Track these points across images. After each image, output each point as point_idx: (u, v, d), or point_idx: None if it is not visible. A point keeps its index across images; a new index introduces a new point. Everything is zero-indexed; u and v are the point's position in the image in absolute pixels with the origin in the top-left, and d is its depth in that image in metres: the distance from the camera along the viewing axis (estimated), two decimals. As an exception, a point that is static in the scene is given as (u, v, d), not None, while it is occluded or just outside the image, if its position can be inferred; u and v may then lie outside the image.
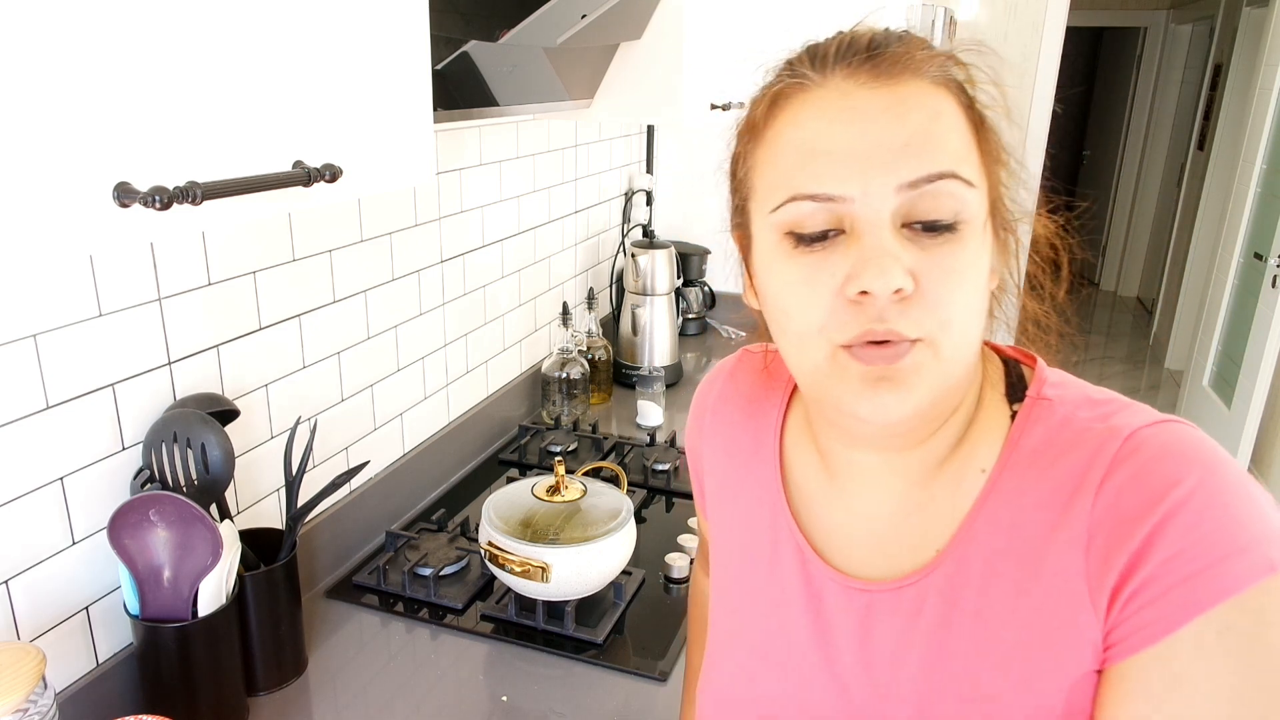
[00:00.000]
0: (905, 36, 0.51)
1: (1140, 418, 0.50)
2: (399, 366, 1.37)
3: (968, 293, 0.49)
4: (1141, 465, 0.47)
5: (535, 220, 1.74)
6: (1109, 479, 0.48)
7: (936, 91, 0.49)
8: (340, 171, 0.66)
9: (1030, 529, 0.51)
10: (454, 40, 1.01)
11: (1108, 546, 0.47)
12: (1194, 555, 0.44)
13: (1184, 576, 0.44)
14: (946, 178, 0.47)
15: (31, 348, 0.81)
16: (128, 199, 0.52)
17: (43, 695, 0.74)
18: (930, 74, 0.49)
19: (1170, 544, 0.45)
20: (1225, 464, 0.47)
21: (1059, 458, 0.51)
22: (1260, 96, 3.41)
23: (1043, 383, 0.54)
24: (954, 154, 0.48)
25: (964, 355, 0.50)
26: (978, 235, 0.49)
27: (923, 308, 0.47)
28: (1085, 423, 0.51)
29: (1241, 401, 3.32)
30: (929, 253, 0.48)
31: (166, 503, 0.85)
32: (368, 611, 1.16)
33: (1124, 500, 0.47)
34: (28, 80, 0.47)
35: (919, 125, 0.48)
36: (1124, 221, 6.31)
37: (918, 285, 0.47)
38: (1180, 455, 0.47)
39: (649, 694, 1.01)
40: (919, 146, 0.47)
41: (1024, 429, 0.53)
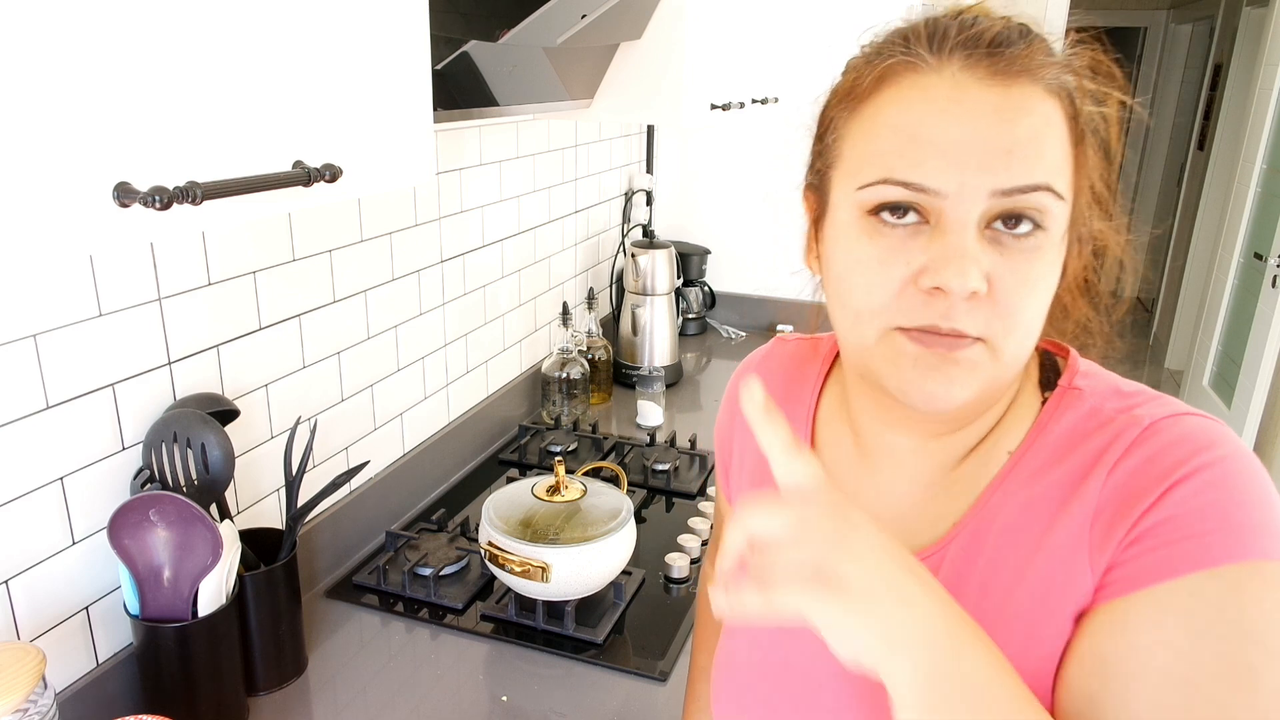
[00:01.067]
0: (1030, 35, 0.50)
1: (1164, 409, 0.51)
2: (399, 366, 1.37)
3: (1037, 301, 0.49)
4: (1156, 449, 0.48)
5: (535, 220, 1.74)
6: (1123, 461, 0.49)
7: (1048, 99, 0.49)
8: (340, 171, 0.66)
9: (1043, 505, 0.52)
10: (454, 40, 1.01)
11: (1112, 519, 0.48)
12: (1186, 523, 0.45)
13: (1171, 539, 0.45)
14: (1042, 190, 0.48)
15: (31, 348, 0.81)
16: (128, 199, 0.52)
17: (43, 695, 0.74)
18: (1046, 80, 0.49)
19: (1167, 508, 0.46)
20: (1241, 455, 0.47)
21: (1080, 443, 0.52)
22: (1260, 96, 3.41)
23: (1075, 373, 0.56)
24: (1053, 166, 0.48)
25: (1020, 359, 0.51)
26: (1055, 246, 0.50)
27: (992, 311, 0.48)
28: (1110, 412, 0.52)
29: (1241, 401, 3.32)
30: (1007, 258, 0.48)
31: (166, 503, 0.85)
32: (368, 611, 1.16)
33: (1134, 480, 0.48)
34: (28, 80, 0.47)
35: (1027, 132, 0.47)
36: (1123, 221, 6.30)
37: (991, 288, 0.48)
38: (1195, 442, 0.48)
39: (649, 694, 1.01)
40: (1022, 154, 0.47)
41: (1052, 415, 0.54)
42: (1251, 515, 0.45)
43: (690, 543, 1.28)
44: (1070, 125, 0.50)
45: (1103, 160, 0.52)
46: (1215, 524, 0.45)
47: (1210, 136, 4.53)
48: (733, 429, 0.74)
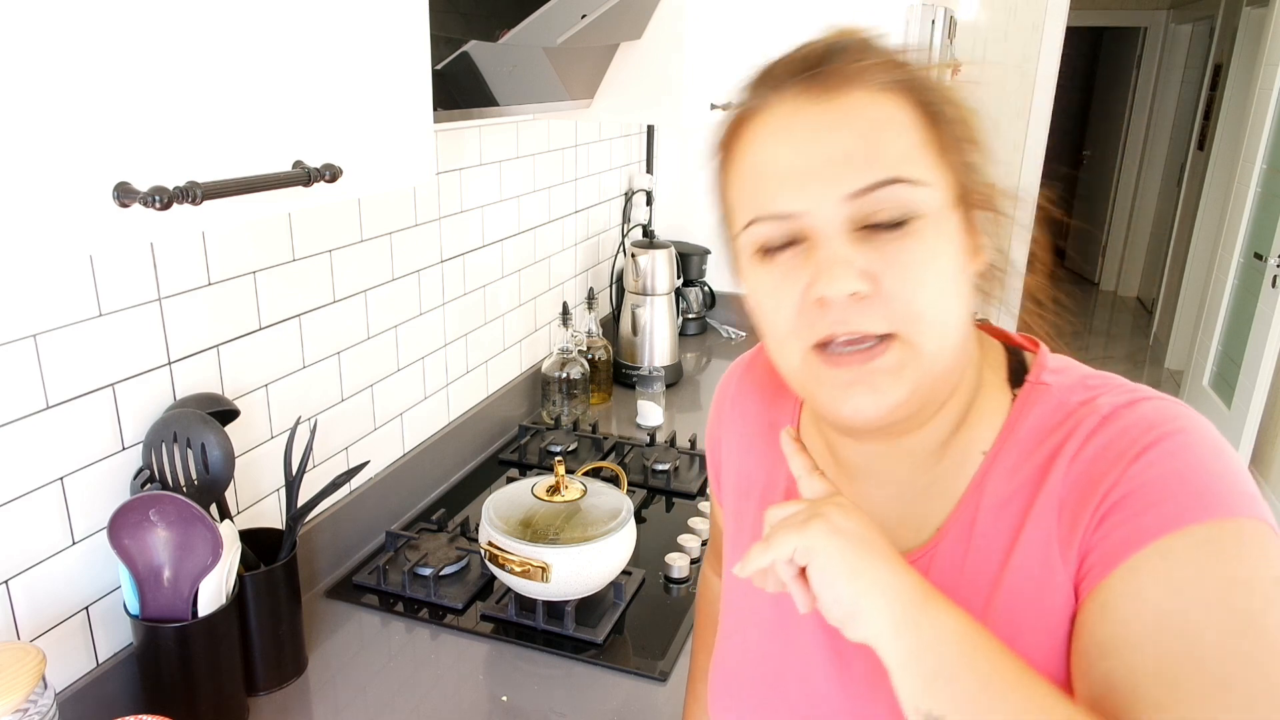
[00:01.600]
0: (852, 46, 0.53)
1: (1124, 396, 0.52)
2: (399, 366, 1.37)
3: (932, 283, 0.50)
4: (1113, 434, 0.50)
5: (535, 220, 1.74)
6: (1082, 450, 0.51)
7: (880, 98, 0.51)
8: (340, 171, 0.66)
9: (1016, 503, 0.53)
10: (454, 40, 1.01)
11: (1076, 507, 0.50)
12: (1147, 494, 0.47)
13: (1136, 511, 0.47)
14: (889, 184, 0.49)
15: (31, 348, 0.81)
16: (128, 199, 0.52)
17: (43, 695, 0.74)
18: (876, 81, 0.51)
19: (1127, 485, 0.48)
20: (1196, 426, 0.49)
21: (1046, 438, 0.53)
22: (1260, 96, 3.41)
23: (1043, 368, 0.56)
24: (898, 158, 0.50)
25: (946, 344, 0.51)
26: (936, 227, 0.50)
27: (885, 305, 0.50)
28: (1073, 405, 0.53)
29: (1241, 401, 3.32)
30: (884, 252, 0.49)
31: (166, 503, 0.85)
32: (368, 611, 1.16)
33: (1093, 466, 0.50)
34: (28, 80, 0.47)
35: (860, 135, 0.50)
36: (1124, 221, 6.31)
37: (877, 284, 0.49)
38: (1149, 421, 0.50)
39: (649, 694, 1.01)
40: (860, 157, 0.50)
41: (1022, 412, 0.55)
42: (1210, 479, 0.47)
43: (690, 543, 1.28)
44: (919, 111, 0.51)
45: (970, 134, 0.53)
46: (1175, 489, 0.46)
47: (1210, 136, 4.53)
48: (722, 430, 0.74)
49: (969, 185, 0.53)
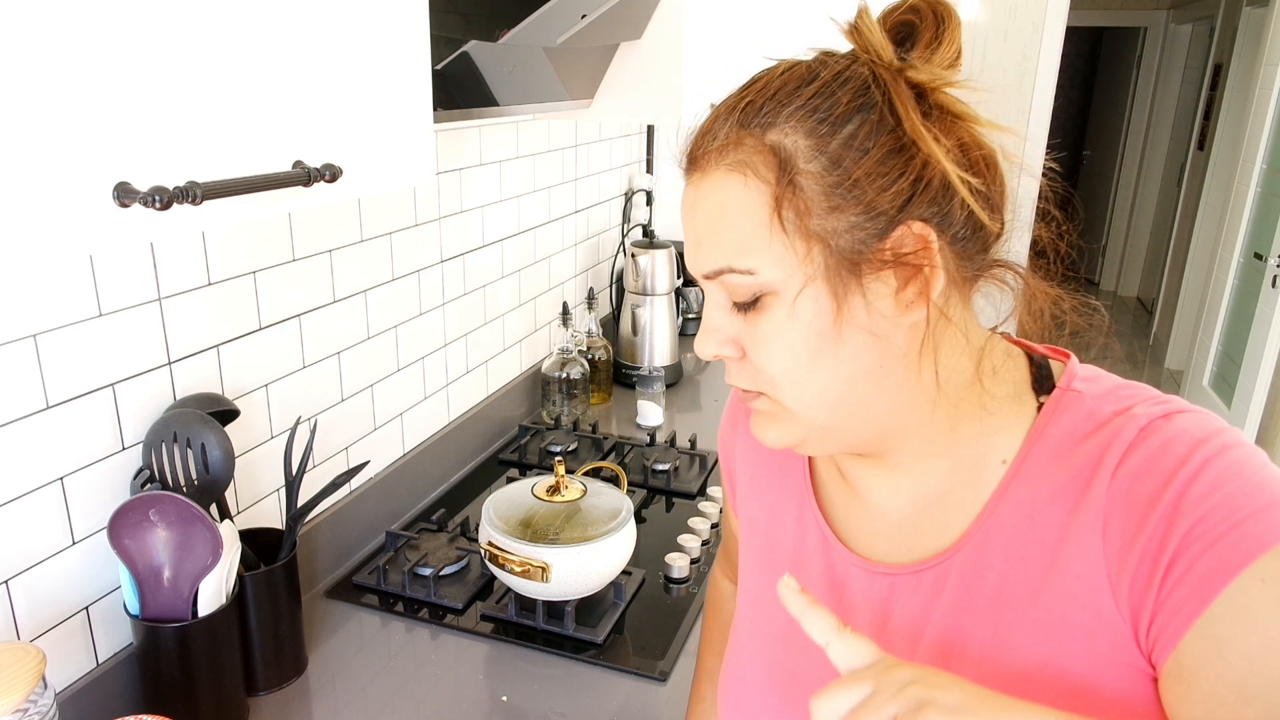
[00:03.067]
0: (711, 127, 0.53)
1: (1159, 407, 0.51)
2: (399, 366, 1.37)
3: (786, 356, 0.52)
4: (1154, 449, 0.49)
5: (535, 220, 1.74)
6: (1123, 464, 0.49)
7: (729, 178, 0.52)
8: (340, 171, 0.66)
9: (1051, 514, 0.52)
10: (454, 40, 1.01)
11: (1124, 530, 0.48)
12: (1215, 520, 0.45)
13: (1209, 543, 0.45)
14: (725, 273, 0.52)
15: (31, 348, 0.81)
16: (128, 199, 0.52)
17: (43, 695, 0.74)
18: (728, 161, 0.52)
19: (1187, 516, 0.46)
20: (1237, 441, 0.48)
21: (1079, 446, 0.52)
22: (1260, 96, 3.41)
23: (1073, 376, 0.55)
24: (734, 246, 0.52)
25: (815, 405, 0.53)
26: (787, 305, 0.51)
27: (749, 370, 0.54)
28: (1107, 414, 0.52)
29: (1241, 401, 3.32)
30: (747, 324, 0.53)
31: (166, 503, 0.85)
32: (368, 611, 1.16)
33: (1138, 484, 0.48)
34: (28, 80, 0.47)
35: (705, 223, 0.53)
36: (1124, 221, 6.31)
37: (743, 351, 0.54)
38: (1191, 437, 0.48)
39: (649, 694, 1.01)
40: (706, 244, 0.53)
41: (1050, 419, 0.54)
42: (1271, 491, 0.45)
43: (690, 543, 1.28)
44: (772, 187, 0.50)
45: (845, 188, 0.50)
46: (1247, 511, 0.45)
47: (1210, 136, 4.53)
48: (735, 437, 0.75)
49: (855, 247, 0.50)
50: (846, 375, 0.52)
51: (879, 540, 0.60)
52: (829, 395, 0.53)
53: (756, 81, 0.53)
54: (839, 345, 0.52)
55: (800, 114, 0.50)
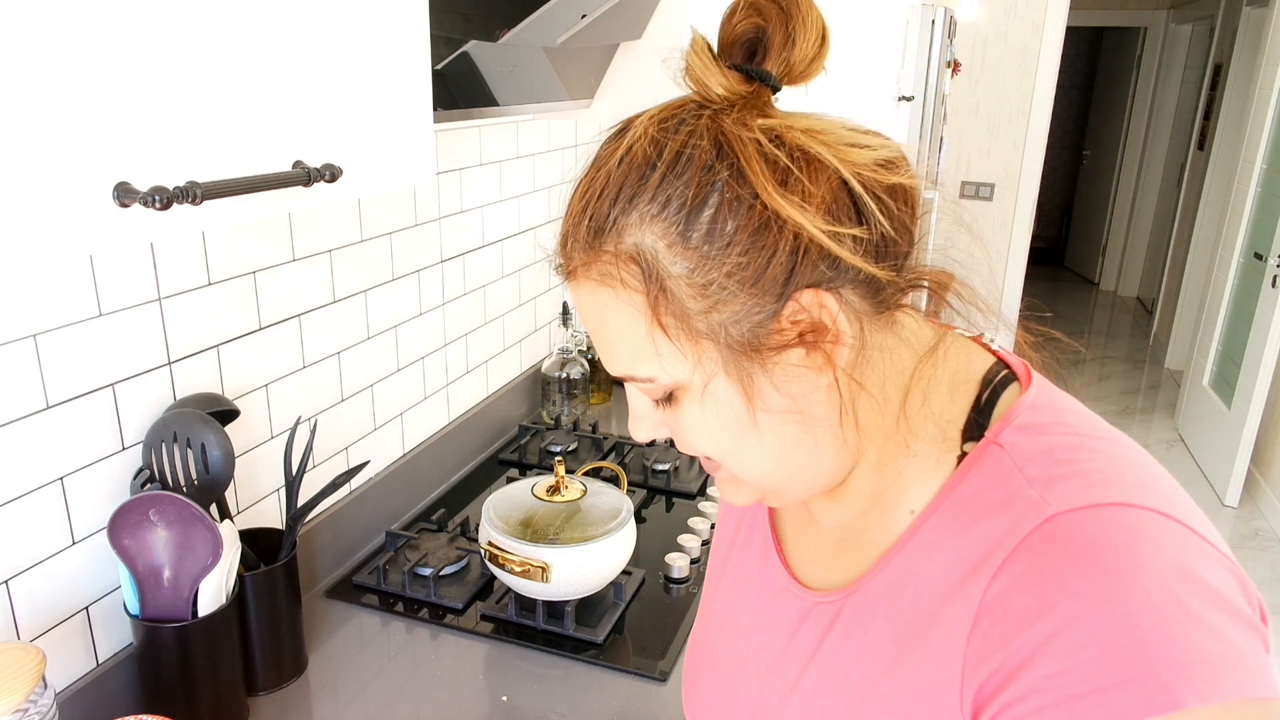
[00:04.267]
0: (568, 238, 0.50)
1: (1079, 497, 0.44)
2: (399, 366, 1.37)
3: (711, 442, 0.52)
4: (1045, 558, 0.43)
5: (535, 220, 1.74)
6: (1010, 562, 0.44)
7: (600, 290, 0.49)
8: (340, 171, 0.66)
9: (934, 587, 0.48)
10: (454, 40, 1.01)
11: (987, 639, 0.44)
12: (1080, 676, 0.39)
13: (1065, 697, 0.40)
14: (628, 379, 0.51)
15: (31, 348, 0.81)
16: (128, 199, 0.52)
17: (43, 695, 0.74)
18: (594, 274, 0.48)
19: (1054, 660, 0.40)
20: (1138, 577, 0.40)
21: (981, 518, 0.47)
22: (1260, 96, 3.41)
23: (1007, 423, 0.49)
24: (626, 357, 0.50)
25: (759, 474, 0.53)
26: (697, 399, 0.50)
27: (686, 448, 0.54)
28: (1023, 484, 0.46)
29: (1241, 401, 3.32)
30: (669, 415, 0.52)
31: (166, 503, 0.85)
32: (368, 611, 1.16)
33: (1015, 593, 0.43)
34: (28, 80, 0.47)
35: (594, 332, 0.52)
36: (1124, 221, 6.31)
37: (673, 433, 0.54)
38: (1093, 557, 0.41)
39: (649, 694, 1.01)
40: (603, 351, 0.52)
41: (963, 477, 0.49)
42: (1156, 657, 0.38)
43: (690, 543, 1.28)
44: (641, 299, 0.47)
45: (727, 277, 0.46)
46: (1115, 679, 0.39)
47: (1210, 136, 4.53)
48: None
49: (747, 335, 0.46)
50: (776, 449, 0.51)
51: (810, 554, 0.61)
52: (766, 468, 0.52)
53: (598, 175, 0.48)
54: (759, 426, 0.50)
55: (650, 213, 0.46)
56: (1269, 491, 3.35)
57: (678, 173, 0.45)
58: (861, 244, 0.46)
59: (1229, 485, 3.40)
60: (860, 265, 0.46)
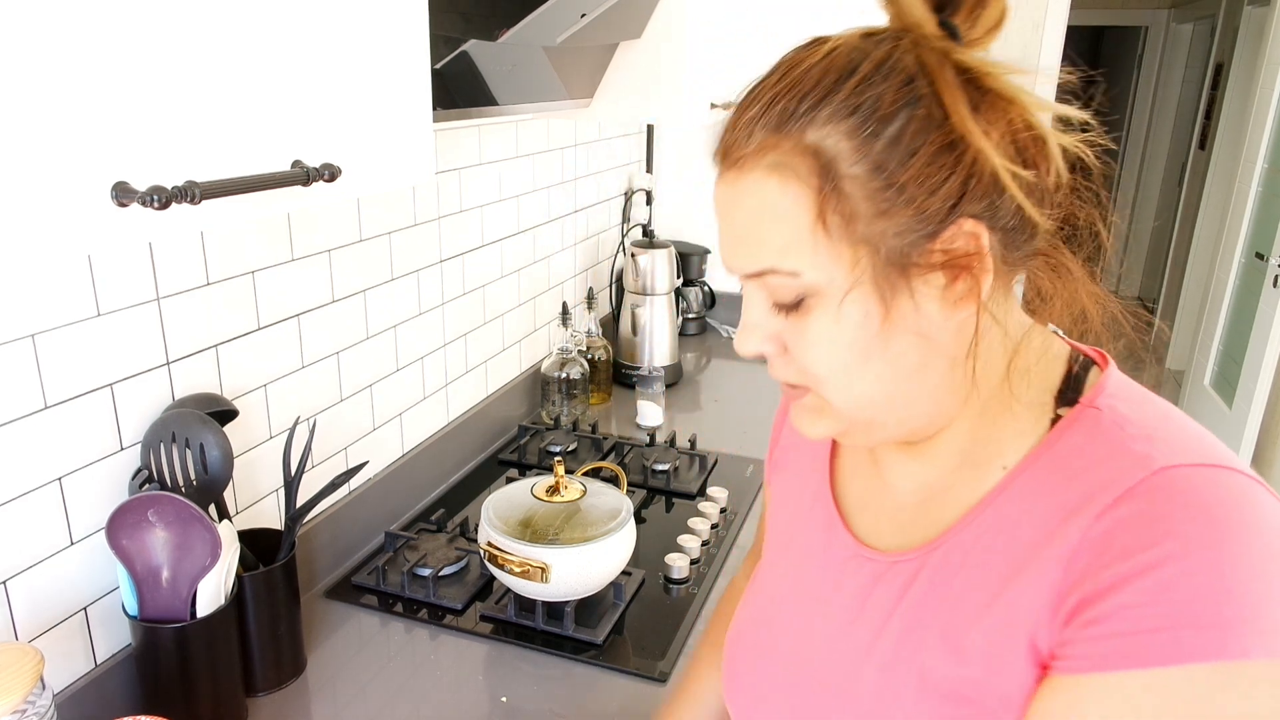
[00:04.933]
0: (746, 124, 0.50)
1: (1184, 455, 0.47)
2: (398, 366, 1.36)
3: (832, 358, 0.51)
4: (1151, 506, 0.45)
5: (535, 220, 1.74)
6: (1115, 508, 0.46)
7: (768, 180, 0.49)
8: (339, 171, 0.66)
9: (1030, 532, 0.50)
10: (453, 39, 1.00)
11: (1084, 571, 0.46)
12: (1153, 614, 0.43)
13: (1133, 629, 0.43)
14: (767, 274, 0.51)
15: (30, 348, 0.80)
16: (126, 198, 0.52)
17: (41, 696, 0.74)
18: (767, 163, 0.49)
19: (1137, 593, 0.44)
20: (1243, 532, 0.43)
21: (1085, 470, 0.49)
22: (1261, 96, 3.41)
23: (1100, 391, 0.52)
24: (776, 249, 0.50)
25: (860, 403, 0.53)
26: (833, 308, 0.50)
27: (792, 366, 0.54)
28: (1124, 441, 0.49)
29: (1243, 401, 3.32)
30: (790, 324, 0.52)
31: (165, 503, 0.85)
32: (367, 612, 1.16)
33: (1118, 533, 0.46)
34: (26, 79, 0.47)
35: (744, 223, 0.51)
36: (1124, 221, 6.31)
37: (787, 348, 0.53)
38: (1196, 510, 0.44)
39: (649, 694, 1.01)
40: (746, 244, 0.52)
41: (1062, 434, 0.52)
42: (1235, 609, 0.42)
43: (690, 543, 1.28)
44: (815, 189, 0.48)
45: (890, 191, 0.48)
46: (1190, 618, 0.42)
47: (1211, 136, 4.53)
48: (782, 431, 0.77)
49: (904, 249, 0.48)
50: (891, 375, 0.52)
51: (882, 523, 0.61)
52: (873, 394, 0.52)
53: (794, 68, 0.50)
54: (886, 347, 0.51)
55: (841, 113, 0.47)
56: (1270, 491, 3.35)
57: (877, 81, 0.47)
58: (1025, 188, 0.48)
59: (1230, 485, 3.40)
60: (1024, 203, 0.48)
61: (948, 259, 0.49)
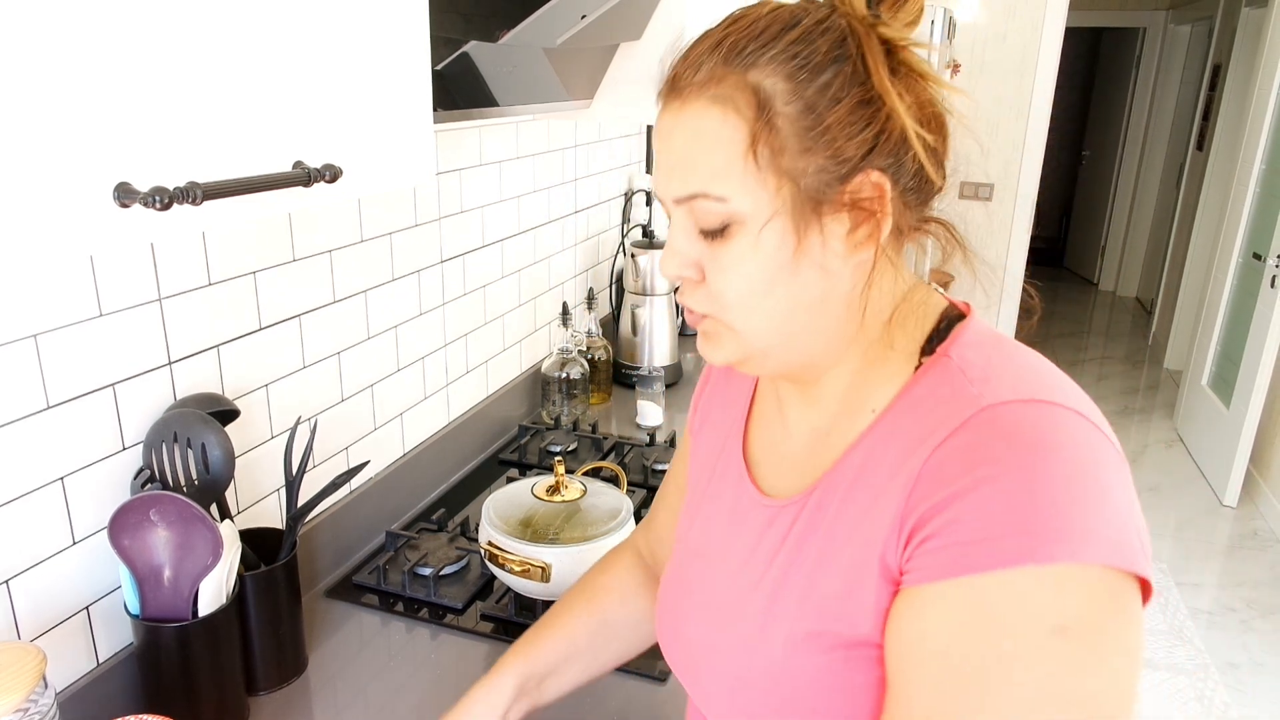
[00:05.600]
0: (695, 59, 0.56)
1: (1011, 393, 0.52)
2: (399, 366, 1.37)
3: (744, 283, 0.56)
4: (977, 437, 0.51)
5: (535, 220, 1.74)
6: (948, 441, 0.52)
7: (710, 110, 0.55)
8: (340, 172, 0.66)
9: (884, 468, 0.56)
10: (454, 40, 1.01)
11: (920, 497, 0.52)
12: (973, 528, 0.49)
13: (957, 541, 0.49)
14: (698, 198, 0.56)
15: (32, 348, 0.81)
16: (128, 199, 0.52)
17: (43, 695, 0.74)
18: (709, 94, 0.55)
19: (960, 511, 0.49)
20: (1051, 454, 0.49)
21: (930, 411, 0.55)
22: (1259, 96, 3.41)
23: (954, 340, 0.58)
24: (710, 172, 0.55)
25: (761, 330, 0.58)
26: (752, 235, 0.55)
27: (704, 292, 0.59)
28: (963, 384, 0.55)
29: (1240, 401, 3.32)
30: (711, 250, 0.57)
31: (167, 502, 0.85)
32: (368, 611, 1.16)
33: (948, 461, 0.51)
34: (28, 80, 0.47)
35: (680, 148, 0.56)
36: (1123, 221, 6.32)
37: (703, 275, 0.58)
38: (1015, 437, 0.50)
39: (649, 694, 1.01)
40: (679, 168, 0.56)
41: (918, 380, 0.58)
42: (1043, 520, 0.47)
43: (690, 543, 1.28)
44: (750, 122, 0.54)
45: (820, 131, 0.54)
46: (1004, 529, 0.48)
47: (1209, 137, 4.54)
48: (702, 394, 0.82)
49: (820, 188, 0.54)
50: (792, 306, 0.57)
51: (782, 470, 0.67)
52: (774, 322, 0.58)
53: (742, 19, 0.56)
54: (793, 277, 0.56)
55: (782, 58, 0.54)
56: (1268, 492, 3.35)
57: (814, 36, 0.54)
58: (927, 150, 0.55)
59: (1228, 485, 3.41)
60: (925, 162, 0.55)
61: (854, 203, 0.55)
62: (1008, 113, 4.04)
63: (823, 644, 0.57)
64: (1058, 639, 0.46)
